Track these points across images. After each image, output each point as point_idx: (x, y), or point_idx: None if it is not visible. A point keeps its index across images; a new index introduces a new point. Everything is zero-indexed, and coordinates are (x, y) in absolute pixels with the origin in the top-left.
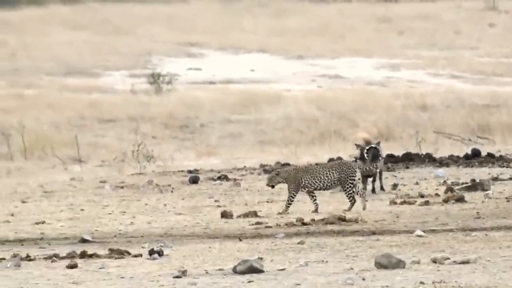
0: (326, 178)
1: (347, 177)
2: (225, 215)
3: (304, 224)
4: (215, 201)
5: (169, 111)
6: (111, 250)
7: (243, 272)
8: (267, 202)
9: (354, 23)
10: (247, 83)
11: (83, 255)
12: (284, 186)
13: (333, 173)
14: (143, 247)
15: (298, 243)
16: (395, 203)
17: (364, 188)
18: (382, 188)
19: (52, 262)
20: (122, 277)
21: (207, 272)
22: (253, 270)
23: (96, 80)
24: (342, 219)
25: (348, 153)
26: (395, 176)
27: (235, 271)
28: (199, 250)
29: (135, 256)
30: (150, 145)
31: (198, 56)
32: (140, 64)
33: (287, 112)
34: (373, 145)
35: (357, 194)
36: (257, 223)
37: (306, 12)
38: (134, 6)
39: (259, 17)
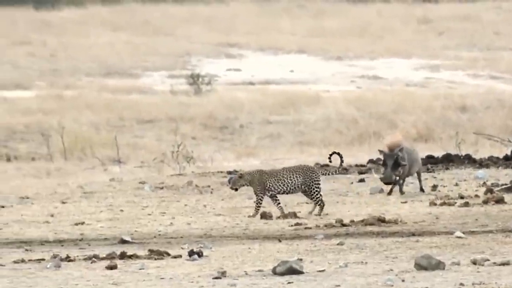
0: (290, 182)
1: (312, 182)
2: (264, 216)
3: (343, 225)
4: (254, 202)
5: (209, 112)
6: (150, 251)
7: (282, 273)
8: (307, 203)
9: (393, 23)
10: (286, 84)
11: (123, 256)
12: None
13: (297, 177)
14: (182, 248)
15: (338, 244)
16: (435, 204)
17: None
18: (421, 189)
19: (91, 263)
20: (162, 278)
21: (246, 273)
22: (292, 271)
23: (136, 81)
24: (381, 220)
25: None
26: (435, 177)
27: (274, 272)
28: (238, 251)
29: (175, 257)
30: (189, 146)
31: (237, 57)
32: (179, 65)
33: (326, 113)
34: (336, 151)
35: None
36: (297, 224)
37: (345, 12)
38: (173, 7)
39: (298, 18)
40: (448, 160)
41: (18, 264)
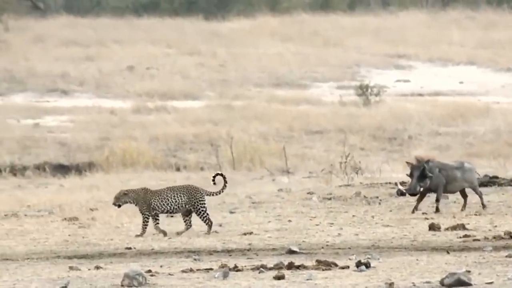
0: (174, 201)
1: (197, 201)
2: (432, 227)
3: None
4: (423, 213)
5: (378, 122)
6: (318, 261)
7: (450, 285)
8: (475, 215)
9: None
10: (455, 96)
11: (290, 266)
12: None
13: (181, 196)
14: (350, 259)
15: (506, 256)
16: None
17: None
18: (483, 206)
19: (259, 273)
20: None
21: (414, 285)
22: (460, 283)
23: (304, 92)
24: None
25: None
26: None
27: (442, 284)
28: (406, 262)
29: (342, 267)
30: (357, 157)
31: (406, 68)
32: (348, 76)
33: (495, 124)
34: (219, 172)
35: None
36: (465, 235)
37: None
38: (343, 17)
39: (468, 29)
40: None
41: (186, 274)
